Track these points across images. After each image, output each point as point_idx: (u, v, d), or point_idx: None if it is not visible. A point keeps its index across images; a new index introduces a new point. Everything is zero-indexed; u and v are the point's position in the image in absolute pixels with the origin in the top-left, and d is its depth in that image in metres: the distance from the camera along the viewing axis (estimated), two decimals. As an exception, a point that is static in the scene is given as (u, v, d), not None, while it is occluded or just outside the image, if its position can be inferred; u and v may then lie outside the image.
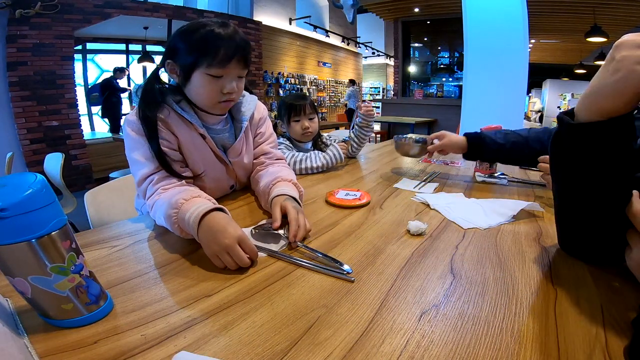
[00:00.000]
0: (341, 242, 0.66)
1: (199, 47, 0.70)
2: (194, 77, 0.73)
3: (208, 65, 0.70)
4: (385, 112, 7.28)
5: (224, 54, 0.70)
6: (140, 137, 0.73)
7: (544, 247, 0.64)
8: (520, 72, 3.04)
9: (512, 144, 1.03)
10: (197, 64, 0.71)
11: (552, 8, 5.93)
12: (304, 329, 0.41)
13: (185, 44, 0.71)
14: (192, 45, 0.70)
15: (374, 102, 12.40)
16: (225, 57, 0.70)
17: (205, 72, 0.71)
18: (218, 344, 0.38)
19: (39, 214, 0.36)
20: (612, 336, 0.40)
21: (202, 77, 0.72)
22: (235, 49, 0.71)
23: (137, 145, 0.73)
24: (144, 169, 0.72)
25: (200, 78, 0.72)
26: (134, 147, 0.74)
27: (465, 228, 0.73)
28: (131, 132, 0.73)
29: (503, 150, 1.04)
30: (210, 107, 0.78)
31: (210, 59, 0.70)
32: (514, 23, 2.97)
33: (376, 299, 0.47)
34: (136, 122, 0.73)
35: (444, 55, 8.19)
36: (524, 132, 1.05)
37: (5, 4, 3.26)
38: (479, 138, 1.06)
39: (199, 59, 0.70)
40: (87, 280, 0.42)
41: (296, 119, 1.29)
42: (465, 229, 0.73)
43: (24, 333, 0.40)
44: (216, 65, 0.70)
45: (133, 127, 0.73)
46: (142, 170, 0.72)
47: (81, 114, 4.06)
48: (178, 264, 0.57)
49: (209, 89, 0.73)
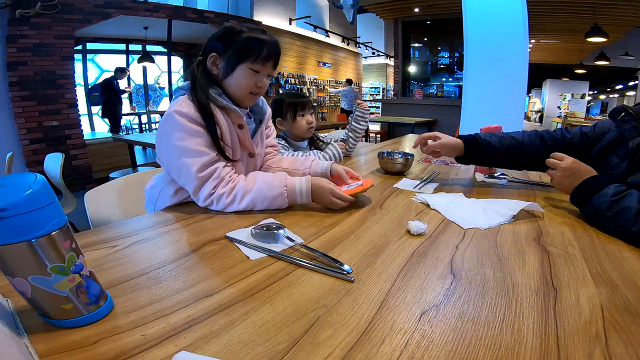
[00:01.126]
0: (341, 242, 0.66)
1: (249, 45, 0.81)
2: (237, 69, 0.83)
3: (253, 61, 0.82)
4: (385, 112, 7.28)
5: (266, 54, 0.82)
6: (198, 127, 0.79)
7: (544, 247, 0.64)
8: (520, 72, 3.04)
9: (507, 148, 1.01)
10: (244, 59, 0.82)
11: (552, 8, 5.93)
12: (304, 329, 0.41)
13: (233, 42, 0.82)
14: (242, 44, 0.81)
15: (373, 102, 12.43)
16: (266, 57, 0.83)
17: (249, 66, 0.82)
18: (218, 344, 0.38)
19: (39, 214, 0.36)
20: (612, 336, 0.40)
21: (245, 70, 0.83)
22: (275, 51, 0.84)
23: (196, 134, 0.79)
24: (204, 157, 0.79)
25: (243, 71, 0.83)
26: (190, 137, 0.78)
27: (465, 228, 0.73)
28: (187, 122, 0.78)
29: (498, 154, 1.02)
30: (243, 97, 0.87)
31: (255, 55, 0.82)
32: (514, 23, 2.97)
33: (376, 299, 0.47)
34: (191, 113, 0.79)
35: (444, 55, 8.20)
36: (518, 135, 1.04)
37: (5, 4, 3.26)
38: (475, 141, 1.03)
39: (247, 55, 0.82)
40: (87, 280, 0.42)
41: (302, 113, 1.32)
42: (465, 229, 0.73)
43: (24, 333, 0.40)
44: (259, 62, 0.83)
45: (189, 118, 0.78)
46: (202, 158, 0.78)
47: (81, 114, 4.06)
48: (178, 264, 0.57)
49: (248, 80, 0.84)
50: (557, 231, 0.72)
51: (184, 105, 0.79)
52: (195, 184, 0.79)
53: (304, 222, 0.76)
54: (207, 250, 0.62)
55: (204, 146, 0.79)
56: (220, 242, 0.65)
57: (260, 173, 0.86)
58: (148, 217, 0.82)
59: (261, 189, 0.80)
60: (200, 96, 0.81)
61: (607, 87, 13.20)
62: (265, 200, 0.81)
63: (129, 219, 0.79)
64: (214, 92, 0.83)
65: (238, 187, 0.80)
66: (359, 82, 10.59)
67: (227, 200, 0.79)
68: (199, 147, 0.78)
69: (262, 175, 0.84)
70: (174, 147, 0.79)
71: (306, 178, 0.83)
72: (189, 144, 0.78)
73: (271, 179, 0.82)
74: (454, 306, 0.46)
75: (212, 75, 0.86)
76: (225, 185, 0.80)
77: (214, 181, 0.79)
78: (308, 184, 0.82)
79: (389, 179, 1.13)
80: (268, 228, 0.67)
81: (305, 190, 0.82)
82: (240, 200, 0.80)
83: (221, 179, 0.80)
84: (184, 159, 0.78)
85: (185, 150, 0.78)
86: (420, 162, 1.44)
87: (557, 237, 0.69)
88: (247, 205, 0.80)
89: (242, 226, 0.72)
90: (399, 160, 1.20)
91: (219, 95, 0.84)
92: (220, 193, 0.79)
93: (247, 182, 0.82)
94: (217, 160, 0.81)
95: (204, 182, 0.79)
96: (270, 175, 0.84)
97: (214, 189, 0.79)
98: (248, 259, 0.59)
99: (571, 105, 11.55)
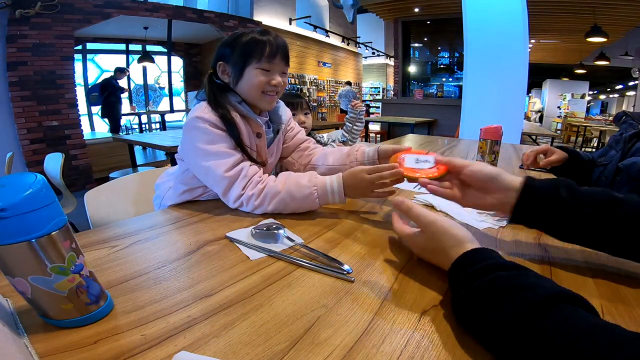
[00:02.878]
0: (341, 242, 0.66)
1: (251, 47, 0.82)
2: (246, 72, 0.83)
3: (258, 61, 0.82)
4: (385, 112, 7.28)
5: (270, 51, 0.82)
6: (221, 131, 0.80)
7: (544, 247, 0.64)
8: (520, 72, 3.04)
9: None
10: (249, 61, 0.82)
11: (552, 8, 5.94)
12: (304, 329, 0.41)
13: (236, 48, 0.83)
14: (244, 47, 0.82)
15: (373, 101, 12.41)
16: (271, 54, 0.82)
17: (256, 66, 0.82)
18: (218, 344, 0.38)
19: (39, 214, 0.36)
20: (612, 336, 0.40)
21: (253, 71, 0.83)
22: (278, 47, 0.83)
23: (220, 139, 0.80)
24: (231, 158, 0.79)
25: (251, 72, 0.83)
26: (215, 141, 0.79)
27: (481, 229, 0.72)
28: (210, 127, 0.79)
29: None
30: (258, 99, 0.86)
31: (259, 55, 0.82)
32: (514, 23, 2.98)
33: (376, 299, 0.47)
34: (213, 119, 0.79)
35: (444, 55, 8.20)
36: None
37: (5, 4, 3.26)
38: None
39: (251, 56, 0.82)
40: (87, 280, 0.42)
41: (292, 113, 1.32)
42: (481, 229, 0.72)
43: (24, 333, 0.40)
44: (265, 60, 0.82)
45: (210, 123, 0.79)
46: (229, 159, 0.79)
47: (81, 114, 4.06)
48: (178, 264, 0.57)
49: (259, 80, 0.83)
50: (557, 231, 0.72)
51: (206, 110, 0.80)
52: (224, 184, 0.78)
53: (304, 222, 0.76)
54: (207, 250, 0.62)
55: (230, 149, 0.80)
56: (220, 242, 0.65)
57: (290, 173, 0.83)
58: (148, 217, 0.82)
59: (290, 190, 0.77)
60: (218, 105, 0.81)
61: (607, 87, 13.20)
62: (294, 200, 0.77)
63: (129, 219, 0.79)
64: (234, 99, 0.84)
65: (267, 189, 0.78)
66: (359, 82, 10.59)
67: (257, 202, 0.78)
68: (224, 149, 0.79)
69: (291, 176, 0.81)
70: (200, 151, 0.79)
71: (337, 175, 0.79)
72: (214, 148, 0.78)
73: (300, 179, 0.79)
74: (454, 306, 0.46)
75: (224, 84, 0.86)
76: (254, 186, 0.79)
77: (242, 181, 0.78)
78: (339, 180, 0.78)
79: (389, 179, 1.13)
80: (268, 228, 0.67)
81: (337, 187, 0.77)
82: (270, 202, 0.78)
83: (250, 179, 0.79)
84: (211, 162, 0.78)
85: (211, 153, 0.78)
86: (420, 162, 1.44)
87: (557, 237, 0.69)
88: (276, 207, 0.78)
89: (242, 226, 0.72)
90: None
91: (239, 103, 0.85)
92: (250, 194, 0.78)
93: (276, 182, 0.80)
94: (242, 160, 0.81)
95: (233, 182, 0.78)
96: (299, 175, 0.81)
97: (243, 190, 0.78)
98: (248, 259, 0.59)
99: (571, 105, 11.55)
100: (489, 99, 3.16)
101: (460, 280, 0.43)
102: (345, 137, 1.52)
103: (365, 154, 0.91)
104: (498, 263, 0.42)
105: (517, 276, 0.39)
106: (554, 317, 0.32)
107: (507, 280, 0.38)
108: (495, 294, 0.37)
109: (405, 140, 2.28)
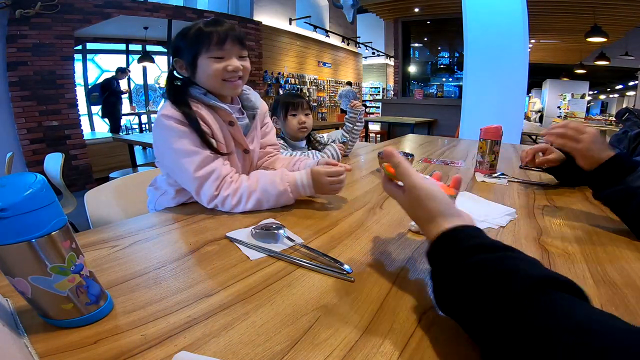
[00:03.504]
0: (341, 242, 0.66)
1: (196, 38, 0.81)
2: (199, 63, 0.82)
3: (207, 50, 0.81)
4: (385, 112, 7.28)
5: (218, 37, 0.80)
6: (186, 127, 0.79)
7: (544, 247, 0.64)
8: (520, 72, 3.04)
9: None
10: (199, 52, 0.81)
11: (552, 8, 5.94)
12: (304, 329, 0.41)
13: (185, 41, 0.82)
14: (191, 39, 0.81)
15: (373, 101, 12.41)
16: (219, 40, 0.80)
17: (207, 56, 0.81)
18: (218, 344, 0.38)
19: (39, 214, 0.36)
20: (612, 336, 0.40)
21: (205, 61, 0.82)
22: (226, 31, 0.81)
23: (185, 134, 0.79)
24: (198, 156, 0.79)
25: (204, 62, 0.82)
26: (181, 137, 0.79)
27: (484, 229, 0.72)
28: (175, 124, 0.79)
29: None
30: (220, 87, 0.85)
31: (207, 44, 0.80)
32: (514, 23, 2.98)
33: (376, 299, 0.47)
34: (176, 115, 0.79)
35: (444, 55, 8.20)
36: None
37: (5, 4, 3.26)
38: None
39: (199, 47, 0.81)
40: (87, 280, 0.42)
41: (293, 113, 1.34)
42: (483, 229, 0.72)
43: (24, 333, 0.40)
44: (214, 48, 0.81)
45: (176, 120, 0.79)
46: (196, 157, 0.79)
47: (81, 114, 4.06)
48: (178, 264, 0.57)
49: (214, 68, 0.82)
50: (557, 231, 0.72)
51: (170, 108, 0.80)
52: (195, 184, 0.80)
53: (304, 222, 0.76)
54: (207, 250, 0.62)
55: (195, 145, 0.80)
56: (220, 242, 0.65)
57: (262, 172, 0.87)
58: (148, 217, 0.82)
59: (266, 189, 0.81)
60: (177, 101, 0.81)
61: (607, 87, 13.20)
62: (271, 198, 0.82)
63: (129, 219, 0.79)
64: (197, 92, 0.84)
65: (243, 188, 0.81)
66: (359, 82, 10.59)
67: (233, 202, 0.80)
68: (191, 146, 0.79)
69: (264, 174, 0.85)
70: (169, 150, 0.80)
71: (306, 171, 0.85)
72: (181, 145, 0.79)
73: (273, 177, 0.83)
74: (454, 306, 0.46)
75: (187, 78, 0.87)
76: (228, 186, 0.80)
77: (215, 182, 0.80)
78: (308, 176, 0.84)
79: (389, 179, 1.13)
80: (268, 228, 0.67)
81: (307, 182, 0.84)
82: (247, 201, 0.80)
83: (222, 180, 0.80)
84: (181, 160, 0.79)
85: (179, 151, 0.79)
86: (421, 162, 1.44)
87: (557, 237, 0.69)
88: (253, 206, 0.81)
89: (242, 226, 0.72)
90: None
91: (205, 94, 0.85)
92: (225, 195, 0.80)
93: (250, 182, 0.82)
94: (212, 158, 0.81)
95: (203, 182, 0.79)
96: (272, 173, 0.85)
97: (216, 191, 0.80)
98: (248, 259, 0.59)
99: (571, 105, 11.55)
100: (489, 99, 3.16)
101: (440, 263, 0.40)
102: (345, 137, 1.51)
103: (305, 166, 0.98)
104: (483, 244, 0.39)
105: (502, 260, 0.36)
106: (541, 305, 0.30)
107: (492, 266, 0.35)
108: (479, 282, 0.35)
109: (405, 140, 2.28)
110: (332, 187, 0.85)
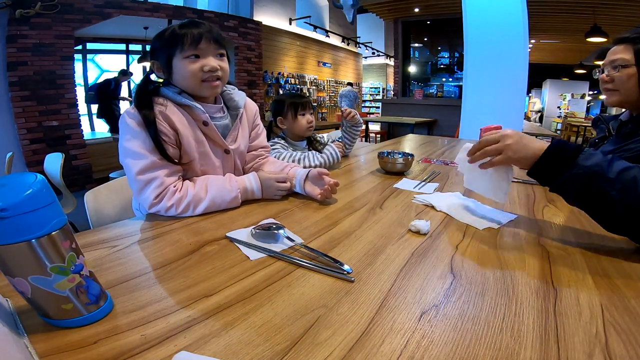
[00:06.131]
0: (341, 242, 0.66)
1: (170, 39, 0.80)
2: (174, 65, 0.82)
3: (181, 50, 0.80)
4: (385, 112, 7.28)
5: (191, 37, 0.79)
6: (140, 128, 0.78)
7: (544, 247, 0.64)
8: (520, 72, 3.04)
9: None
10: (173, 53, 0.81)
11: (552, 8, 5.93)
12: (304, 329, 0.41)
13: (160, 42, 0.82)
14: (165, 41, 0.81)
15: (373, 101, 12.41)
16: (193, 39, 0.79)
17: (182, 56, 0.81)
18: (218, 344, 0.38)
19: (39, 214, 0.36)
20: (612, 336, 0.40)
21: (180, 62, 0.81)
22: (200, 30, 0.80)
23: (139, 136, 0.78)
24: (144, 160, 0.77)
25: (179, 64, 0.81)
26: (132, 138, 0.78)
27: (481, 229, 0.72)
28: (133, 123, 0.78)
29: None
30: (197, 87, 0.84)
31: (181, 45, 0.80)
32: (514, 23, 2.97)
33: (376, 299, 0.47)
34: (137, 115, 0.78)
35: (444, 55, 8.20)
36: None
37: (5, 4, 3.26)
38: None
39: (173, 49, 0.81)
40: (87, 280, 0.42)
41: (302, 112, 1.33)
42: (481, 229, 0.72)
43: (24, 333, 0.40)
44: (188, 48, 0.80)
45: (136, 119, 0.78)
46: (142, 161, 0.77)
47: (81, 114, 4.05)
48: (178, 264, 0.57)
49: (190, 68, 0.81)
50: (557, 231, 0.72)
51: (133, 107, 0.80)
52: (135, 186, 0.79)
53: (304, 222, 0.76)
54: (207, 250, 0.62)
55: (145, 149, 0.78)
56: (220, 242, 0.65)
57: (212, 178, 0.86)
58: (148, 217, 0.82)
59: (215, 198, 0.81)
60: (139, 103, 0.80)
61: (607, 87, 13.16)
62: (221, 204, 0.83)
63: (129, 219, 0.79)
64: (170, 92, 0.83)
65: (189, 198, 0.79)
66: (359, 82, 10.59)
67: (179, 211, 0.78)
68: (140, 149, 0.77)
69: (214, 181, 0.84)
70: (121, 146, 0.80)
71: (254, 175, 0.90)
72: (131, 145, 0.78)
73: (224, 183, 0.84)
74: (454, 306, 0.46)
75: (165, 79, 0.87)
76: (171, 196, 0.78)
77: (156, 190, 0.77)
78: (257, 181, 0.89)
79: (389, 179, 1.13)
80: (268, 228, 0.67)
81: (256, 187, 0.89)
82: (194, 209, 0.79)
83: (165, 189, 0.78)
84: (127, 159, 0.78)
85: (128, 150, 0.78)
86: (420, 162, 1.44)
87: (557, 237, 0.69)
88: (202, 212, 0.80)
89: (242, 226, 0.72)
90: (399, 160, 1.20)
91: (178, 93, 0.84)
92: (168, 205, 0.77)
93: (197, 190, 0.81)
94: (158, 166, 0.78)
95: (143, 186, 0.77)
96: (222, 180, 0.85)
97: (156, 199, 0.77)
98: (248, 259, 0.59)
99: (571, 106, 11.54)
100: (489, 99, 3.16)
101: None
102: (344, 139, 1.51)
103: (296, 174, 0.95)
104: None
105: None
106: None
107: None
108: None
109: (405, 140, 2.28)
110: (279, 193, 0.91)
